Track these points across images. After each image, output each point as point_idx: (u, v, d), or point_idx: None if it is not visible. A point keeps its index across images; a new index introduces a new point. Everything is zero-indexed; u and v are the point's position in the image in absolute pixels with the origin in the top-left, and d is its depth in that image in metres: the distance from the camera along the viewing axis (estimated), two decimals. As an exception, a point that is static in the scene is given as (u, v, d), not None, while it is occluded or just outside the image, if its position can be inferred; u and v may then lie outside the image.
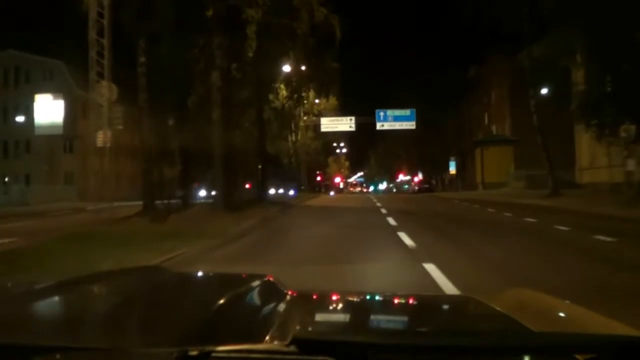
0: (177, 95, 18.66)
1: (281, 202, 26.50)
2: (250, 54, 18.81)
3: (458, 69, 49.59)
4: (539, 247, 8.49)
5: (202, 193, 31.53)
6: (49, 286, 1.66)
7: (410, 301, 1.94)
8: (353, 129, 45.25)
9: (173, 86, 17.52)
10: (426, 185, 49.16)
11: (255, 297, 1.60)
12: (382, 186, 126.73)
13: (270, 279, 1.77)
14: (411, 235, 9.51)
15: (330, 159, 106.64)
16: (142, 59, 15.61)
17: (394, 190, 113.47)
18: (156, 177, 16.76)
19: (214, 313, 1.28)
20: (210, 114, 17.45)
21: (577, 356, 0.97)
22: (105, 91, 13.73)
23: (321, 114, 46.71)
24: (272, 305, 1.49)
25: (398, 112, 44.37)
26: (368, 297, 2.08)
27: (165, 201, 16.22)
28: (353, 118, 44.97)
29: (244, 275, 2.06)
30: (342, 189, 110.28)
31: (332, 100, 47.35)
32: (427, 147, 51.22)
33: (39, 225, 15.11)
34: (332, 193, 70.58)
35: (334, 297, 1.96)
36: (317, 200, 34.31)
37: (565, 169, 28.76)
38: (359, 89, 54.39)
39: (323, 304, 1.86)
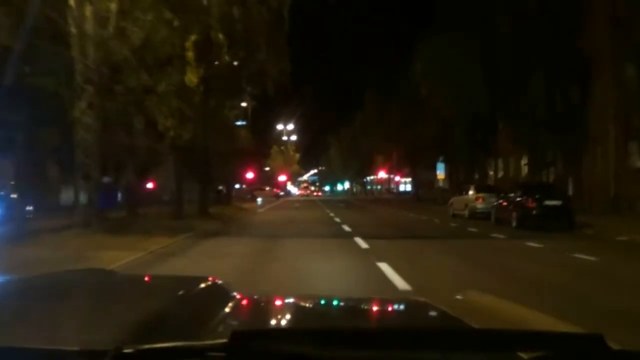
0: None
1: None
2: None
3: None
4: None
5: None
6: None
7: (362, 303, 1.96)
8: None
9: None
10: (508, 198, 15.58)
11: (199, 298, 1.57)
12: (343, 188, 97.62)
13: (217, 281, 1.76)
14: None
15: (274, 149, 76.12)
16: None
17: (358, 192, 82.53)
18: None
19: (153, 313, 1.26)
20: None
21: (522, 354, 0.95)
22: None
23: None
24: (216, 306, 1.46)
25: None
26: (322, 300, 2.03)
27: None
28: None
29: (190, 278, 2.01)
30: (287, 192, 79.01)
31: None
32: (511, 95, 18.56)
33: None
34: (260, 199, 43.66)
35: (283, 301, 1.91)
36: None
37: None
38: None
39: (270, 306, 1.82)
